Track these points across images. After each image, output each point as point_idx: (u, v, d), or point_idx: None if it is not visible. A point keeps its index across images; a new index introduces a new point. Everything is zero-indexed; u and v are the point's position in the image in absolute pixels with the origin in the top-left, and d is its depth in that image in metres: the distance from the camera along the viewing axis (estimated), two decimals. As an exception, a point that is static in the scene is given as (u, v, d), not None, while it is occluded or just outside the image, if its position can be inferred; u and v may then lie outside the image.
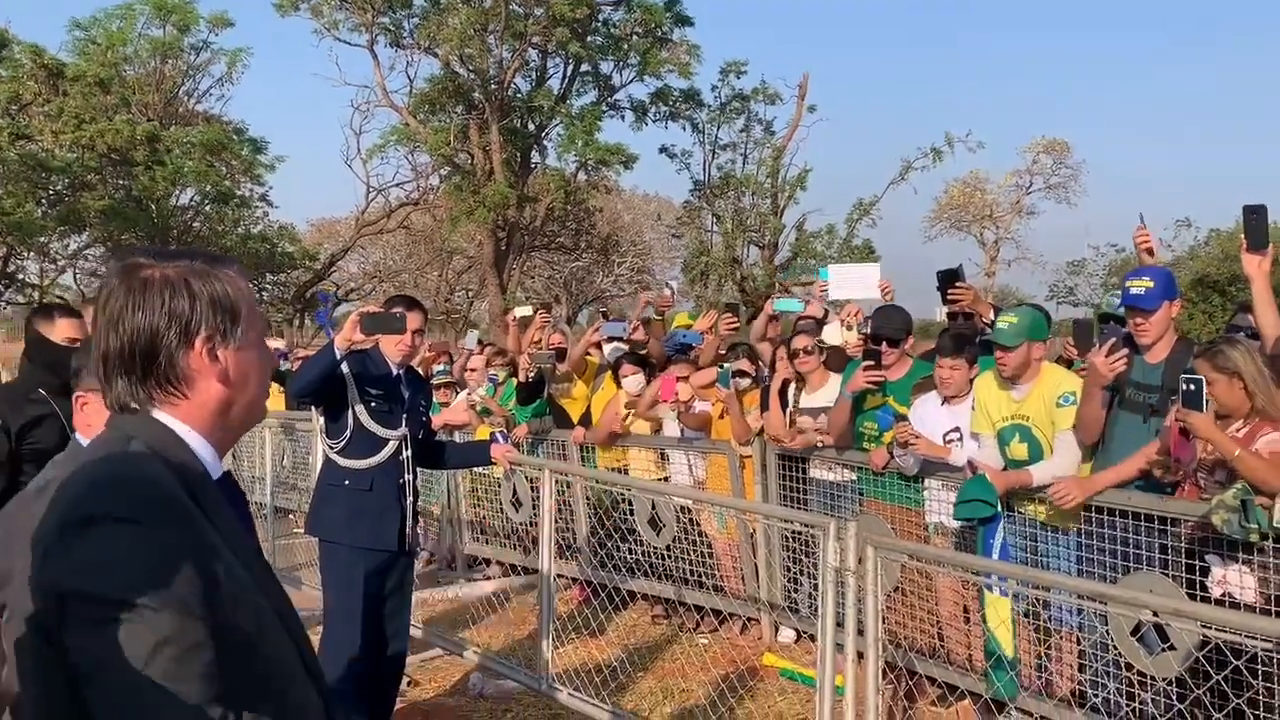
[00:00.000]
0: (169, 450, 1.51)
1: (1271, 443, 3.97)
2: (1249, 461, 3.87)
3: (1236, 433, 4.07)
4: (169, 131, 26.48)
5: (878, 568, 3.71)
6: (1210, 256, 29.99)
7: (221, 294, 1.56)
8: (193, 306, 1.53)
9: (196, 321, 1.52)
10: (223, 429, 1.60)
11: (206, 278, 1.56)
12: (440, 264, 36.03)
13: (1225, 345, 4.18)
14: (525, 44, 24.44)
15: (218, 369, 1.55)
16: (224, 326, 1.55)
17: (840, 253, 27.61)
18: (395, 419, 4.50)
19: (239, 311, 1.57)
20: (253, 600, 1.48)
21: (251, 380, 1.61)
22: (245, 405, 1.62)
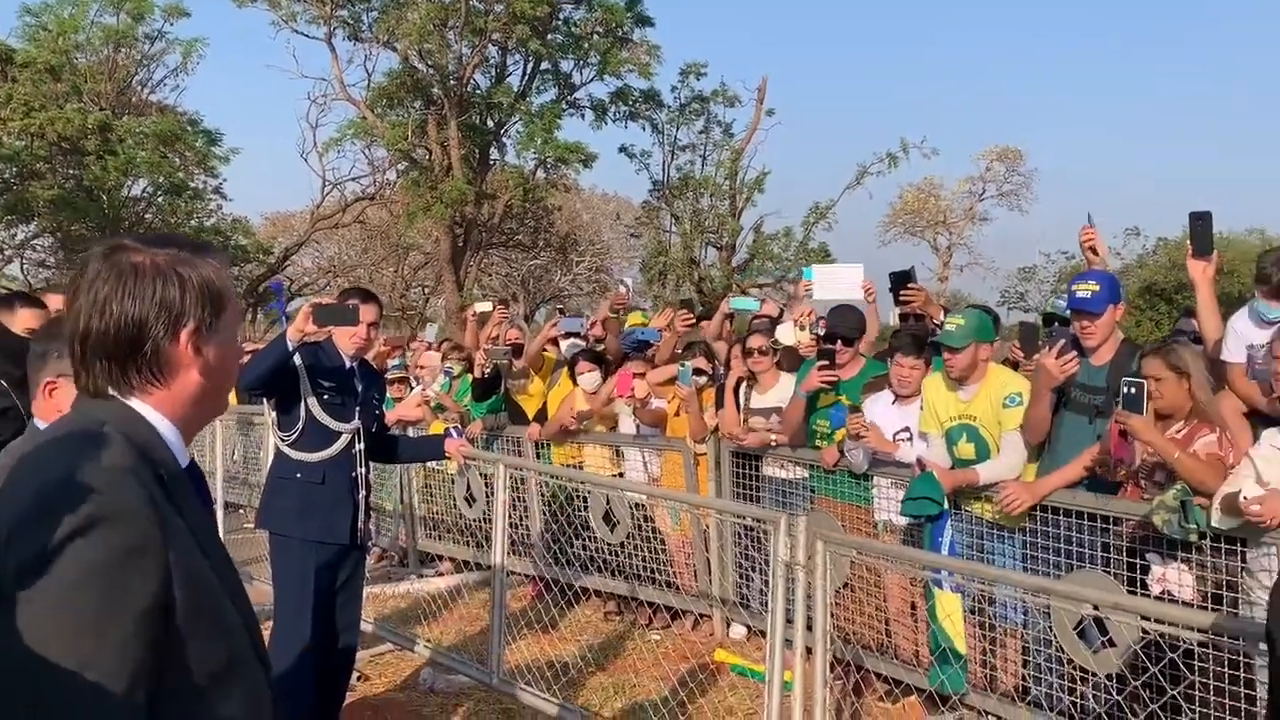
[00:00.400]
0: (141, 438, 1.50)
1: (1208, 445, 4.07)
2: (1187, 463, 3.97)
3: (1176, 434, 4.18)
4: (121, 121, 26.07)
5: (827, 562, 3.76)
6: (1158, 265, 30.57)
7: (208, 285, 1.55)
8: (183, 297, 1.52)
9: (185, 313, 1.52)
10: (193, 418, 1.60)
11: (194, 267, 1.55)
12: (396, 260, 35.77)
13: (1178, 345, 4.30)
14: (485, 40, 24.33)
15: (200, 362, 1.55)
16: (209, 319, 1.55)
17: (797, 255, 27.77)
18: (348, 412, 4.48)
19: (224, 303, 1.57)
20: (215, 590, 1.48)
21: (229, 369, 1.61)
22: (218, 395, 1.63)
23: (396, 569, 8.32)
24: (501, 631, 5.27)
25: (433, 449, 5.23)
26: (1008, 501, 4.53)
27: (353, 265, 36.58)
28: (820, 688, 3.76)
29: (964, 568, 4.08)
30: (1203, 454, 4.06)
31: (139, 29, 26.87)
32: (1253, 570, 3.94)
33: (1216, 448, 4.07)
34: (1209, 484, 3.94)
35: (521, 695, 5.08)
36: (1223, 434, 4.11)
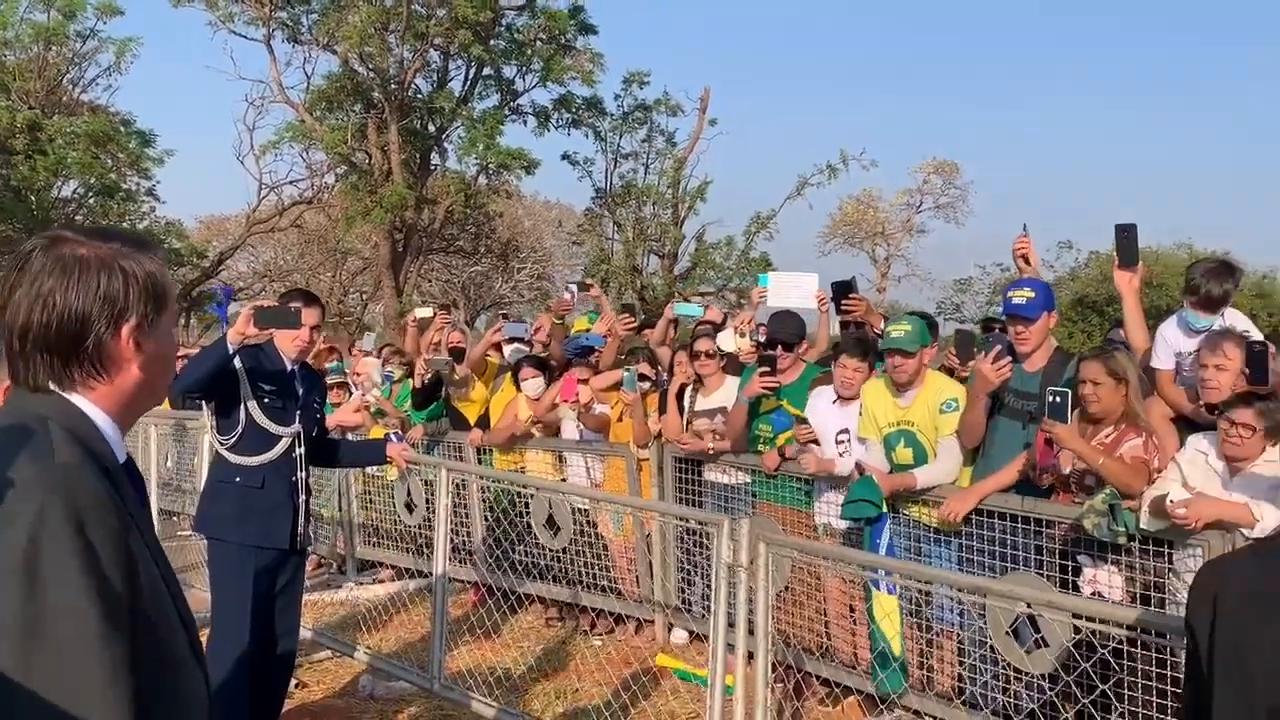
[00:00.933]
0: (81, 433, 1.49)
1: (1134, 449, 4.19)
2: (1112, 468, 4.08)
3: (1105, 439, 4.29)
4: (51, 120, 25.44)
5: (769, 564, 3.81)
6: (1090, 277, 31.25)
7: (151, 279, 1.54)
8: (126, 292, 1.51)
9: (128, 308, 1.51)
10: (131, 412, 1.59)
11: (137, 262, 1.54)
12: (334, 265, 35.36)
13: (1117, 352, 4.41)
14: (427, 45, 24.20)
15: (141, 357, 1.54)
16: (151, 314, 1.54)
17: (738, 264, 27.98)
18: (289, 415, 4.43)
19: (165, 299, 1.56)
20: (161, 596, 1.48)
21: (167, 364, 1.61)
22: (155, 391, 1.61)
23: (335, 576, 8.23)
24: (443, 636, 5.24)
25: (374, 453, 5.19)
26: (948, 516, 4.62)
27: (289, 270, 36.08)
28: (762, 688, 3.80)
29: (902, 568, 4.16)
30: (1128, 458, 4.17)
31: (70, 27, 26.23)
32: (1179, 571, 4.06)
33: (1142, 452, 4.19)
34: (1134, 487, 4.06)
35: (463, 701, 5.05)
36: (1148, 438, 4.22)
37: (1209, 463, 4.08)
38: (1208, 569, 1.70)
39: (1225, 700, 1.52)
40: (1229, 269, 4.64)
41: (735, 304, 25.73)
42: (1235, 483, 3.99)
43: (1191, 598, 1.64)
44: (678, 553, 6.12)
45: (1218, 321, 4.54)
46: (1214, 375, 4.20)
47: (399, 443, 5.04)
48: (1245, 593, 1.53)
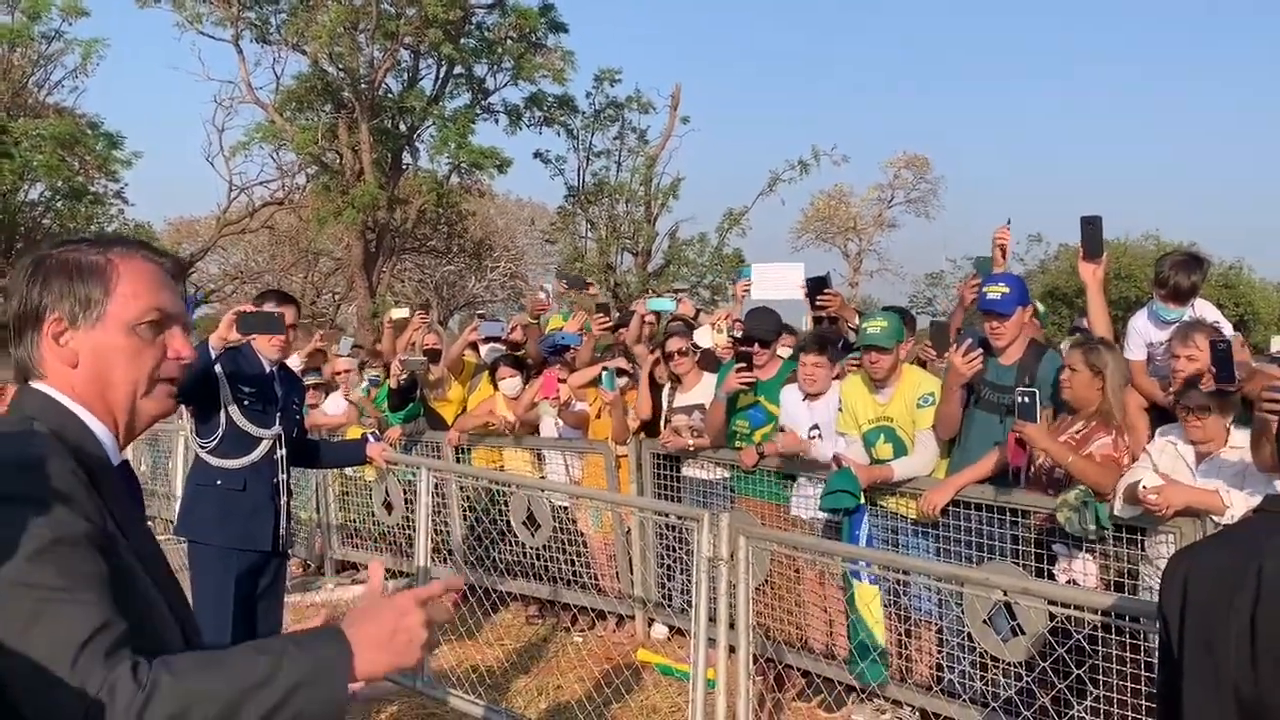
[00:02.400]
0: (69, 433, 1.52)
1: (1103, 447, 4.24)
2: (1081, 466, 4.14)
3: (1075, 435, 4.34)
4: (17, 123, 25.11)
5: (749, 557, 3.85)
6: (1060, 270, 31.60)
7: (77, 281, 1.56)
8: (43, 293, 1.55)
9: (44, 307, 1.55)
10: (111, 413, 1.59)
11: (68, 265, 1.56)
12: (306, 266, 35.13)
13: (1102, 345, 4.45)
14: (397, 44, 24.09)
15: (65, 354, 1.55)
16: (74, 313, 1.55)
17: (711, 261, 28.05)
18: (269, 417, 4.44)
19: (91, 298, 1.56)
20: (143, 588, 1.49)
21: (116, 365, 1.58)
22: (122, 387, 1.59)
23: (313, 577, 8.21)
24: (425, 635, 5.24)
25: (353, 453, 5.19)
26: (925, 507, 4.68)
27: (261, 271, 35.80)
28: (744, 681, 3.84)
29: (882, 558, 4.21)
30: (1098, 456, 4.22)
31: (35, 28, 25.91)
32: (1151, 558, 4.14)
33: (1111, 450, 4.23)
34: (1104, 485, 4.11)
35: (446, 698, 5.07)
36: (1118, 436, 4.27)
37: (1178, 450, 4.16)
38: (1178, 556, 1.75)
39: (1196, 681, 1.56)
40: (1197, 261, 4.72)
41: (709, 301, 25.82)
42: (1202, 469, 4.07)
43: (1163, 584, 1.69)
44: (658, 548, 6.16)
45: (1187, 313, 4.62)
46: (1185, 366, 4.27)
47: (378, 443, 5.05)
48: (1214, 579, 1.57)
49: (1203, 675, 1.56)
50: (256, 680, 1.35)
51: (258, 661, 1.37)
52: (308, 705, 1.36)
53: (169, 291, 1.64)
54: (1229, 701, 1.50)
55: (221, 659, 1.39)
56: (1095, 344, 4.44)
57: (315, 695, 1.37)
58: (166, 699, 1.30)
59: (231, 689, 1.33)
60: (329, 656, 1.40)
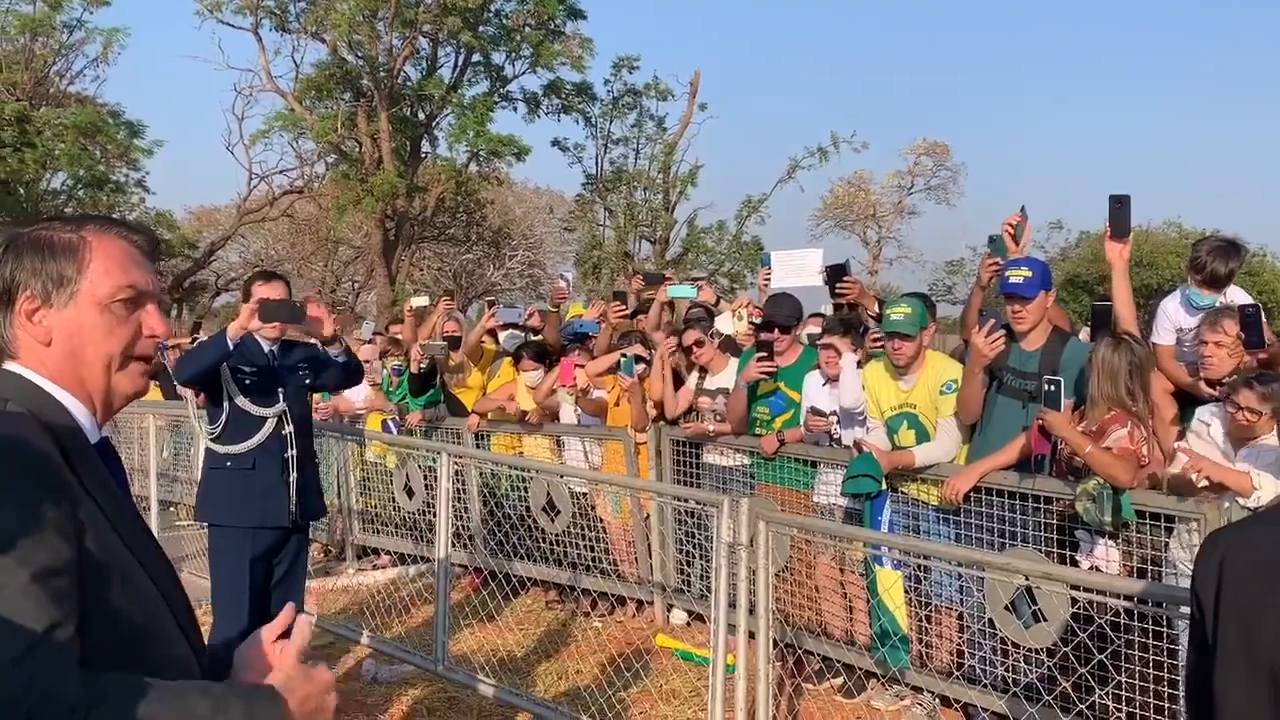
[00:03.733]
0: (44, 412, 1.52)
1: (1119, 439, 4.19)
2: (1098, 457, 4.09)
3: (1090, 428, 4.28)
4: (40, 112, 25.30)
5: (769, 543, 3.84)
6: (1080, 258, 31.37)
7: (48, 259, 1.56)
8: (15, 270, 1.55)
9: (16, 284, 1.55)
10: (86, 391, 1.59)
11: (41, 243, 1.56)
12: (325, 254, 35.27)
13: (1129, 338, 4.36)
14: (416, 32, 24.10)
15: (38, 331, 1.55)
16: (46, 290, 1.55)
17: (730, 249, 28.00)
18: (272, 396, 4.48)
19: (65, 276, 1.56)
20: (124, 565, 1.49)
21: (90, 343, 1.58)
22: (95, 365, 1.59)
23: (334, 562, 8.26)
24: (446, 619, 5.27)
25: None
26: (948, 493, 4.66)
27: (281, 259, 35.96)
28: (763, 666, 3.83)
29: (904, 544, 4.20)
30: (1116, 449, 4.18)
31: (57, 18, 26.06)
32: (1175, 545, 4.11)
33: (1128, 442, 4.18)
34: (1119, 478, 4.06)
35: (467, 682, 5.09)
36: (1135, 428, 4.21)
37: (1209, 434, 4.13)
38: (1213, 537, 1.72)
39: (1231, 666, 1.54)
40: (1235, 248, 4.65)
41: (728, 289, 25.78)
42: (1243, 454, 4.04)
43: (1198, 566, 1.67)
44: (677, 534, 6.16)
45: (1220, 299, 4.57)
46: (1213, 352, 4.24)
47: (395, 432, 5.04)
48: (1252, 560, 1.55)
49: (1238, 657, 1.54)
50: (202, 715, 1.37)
51: (199, 703, 1.39)
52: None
53: (143, 269, 1.63)
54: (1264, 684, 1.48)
55: (165, 691, 1.38)
56: (1122, 339, 4.37)
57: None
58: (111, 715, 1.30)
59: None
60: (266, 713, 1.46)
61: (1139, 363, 4.26)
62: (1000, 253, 4.99)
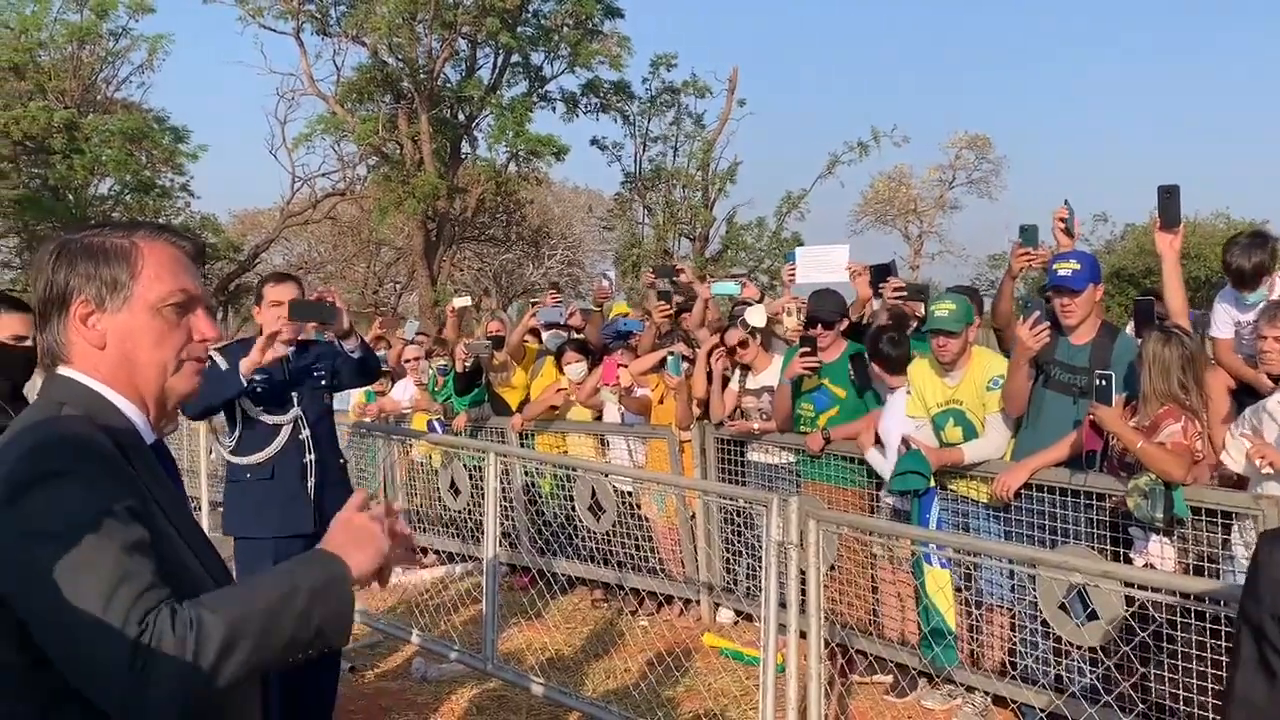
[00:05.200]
0: (99, 414, 1.56)
1: (1173, 434, 4.12)
2: (1150, 453, 4.03)
3: (1142, 423, 4.22)
4: (87, 119, 25.73)
5: (820, 541, 3.82)
6: (1126, 250, 30.92)
7: (102, 264, 1.59)
8: (69, 276, 1.58)
9: (71, 290, 1.58)
10: (140, 395, 1.63)
11: (94, 249, 1.60)
12: (368, 256, 35.56)
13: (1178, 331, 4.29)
14: (455, 33, 24.23)
15: (93, 335, 1.59)
16: (100, 295, 1.58)
17: (770, 245, 27.89)
18: (287, 403, 4.41)
19: (119, 280, 1.59)
20: (182, 559, 1.53)
21: (142, 346, 1.61)
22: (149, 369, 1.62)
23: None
24: (495, 618, 5.30)
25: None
26: (998, 490, 4.61)
27: (323, 261, 36.33)
28: (815, 665, 3.82)
29: (954, 541, 4.16)
30: (1169, 444, 4.11)
31: (103, 25, 26.48)
32: (1235, 542, 4.04)
33: (1182, 437, 4.11)
34: (1173, 474, 4.00)
35: (516, 680, 5.11)
36: (1189, 422, 4.14)
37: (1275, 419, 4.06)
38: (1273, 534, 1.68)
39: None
40: (1260, 240, 4.59)
41: (768, 285, 25.68)
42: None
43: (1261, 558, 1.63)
44: (725, 532, 6.15)
45: (1266, 293, 4.50)
46: (1272, 347, 4.17)
47: (440, 432, 5.00)
48: None
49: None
50: (283, 593, 1.46)
51: (279, 579, 1.49)
52: (324, 608, 1.50)
53: (192, 274, 1.68)
54: None
55: (249, 584, 1.52)
56: (1172, 332, 4.30)
57: (330, 599, 1.51)
58: (214, 632, 1.38)
59: (266, 606, 1.44)
60: (331, 566, 1.54)
61: (1190, 356, 4.19)
62: (1031, 242, 4.93)
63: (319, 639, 1.49)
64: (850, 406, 5.63)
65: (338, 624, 1.51)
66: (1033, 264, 4.93)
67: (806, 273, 6.17)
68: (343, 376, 4.69)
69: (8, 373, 3.79)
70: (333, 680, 4.60)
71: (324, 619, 1.48)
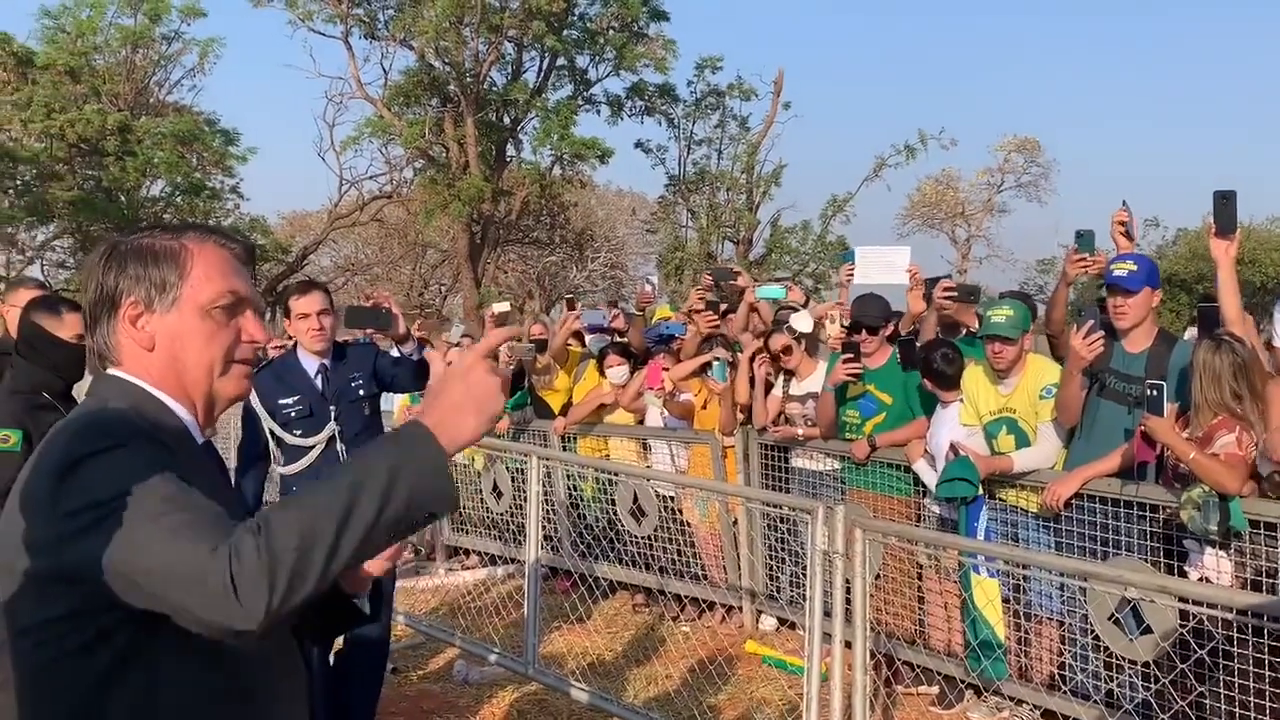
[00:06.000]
0: (146, 410, 1.56)
1: (1227, 445, 4.01)
2: (1203, 464, 3.92)
3: (1195, 434, 4.10)
4: (140, 122, 26.21)
5: (866, 551, 3.77)
6: (1178, 255, 30.38)
7: (151, 265, 1.59)
8: (118, 278, 1.58)
9: (120, 291, 1.58)
10: (189, 397, 1.62)
11: (143, 251, 1.60)
12: (413, 258, 35.86)
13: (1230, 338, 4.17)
14: (501, 37, 24.39)
15: (142, 337, 1.59)
16: (149, 296, 1.58)
17: (814, 249, 27.75)
18: (320, 420, 4.30)
19: (166, 282, 1.59)
20: None
21: (190, 348, 1.61)
22: (197, 371, 1.62)
23: (424, 563, 8.37)
24: (537, 622, 5.29)
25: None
26: (1049, 499, 4.52)
27: (370, 264, 36.68)
28: (860, 675, 3.76)
29: (1004, 553, 4.08)
30: (1223, 455, 4.00)
31: (156, 30, 26.99)
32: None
33: (1236, 449, 4.00)
34: (1227, 485, 3.89)
35: (557, 685, 5.10)
36: (1243, 432, 4.03)
37: None
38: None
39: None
40: None
41: (813, 289, 25.54)
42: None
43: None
44: (769, 539, 6.10)
45: None
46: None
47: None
48: None
49: None
50: (357, 476, 1.37)
51: (352, 465, 1.41)
52: (417, 480, 1.38)
53: (241, 276, 1.67)
54: None
55: (319, 480, 1.43)
56: (1223, 340, 4.18)
57: (418, 470, 1.38)
58: (282, 528, 1.33)
59: (340, 492, 1.35)
60: (415, 435, 1.41)
61: (1242, 364, 4.06)
62: (1088, 248, 4.82)
63: (415, 510, 1.38)
64: (897, 413, 5.55)
65: (430, 494, 1.39)
66: (1088, 270, 4.82)
67: (866, 273, 6.02)
68: (401, 380, 4.59)
69: (64, 371, 3.86)
70: (377, 680, 4.61)
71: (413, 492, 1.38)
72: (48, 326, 3.78)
